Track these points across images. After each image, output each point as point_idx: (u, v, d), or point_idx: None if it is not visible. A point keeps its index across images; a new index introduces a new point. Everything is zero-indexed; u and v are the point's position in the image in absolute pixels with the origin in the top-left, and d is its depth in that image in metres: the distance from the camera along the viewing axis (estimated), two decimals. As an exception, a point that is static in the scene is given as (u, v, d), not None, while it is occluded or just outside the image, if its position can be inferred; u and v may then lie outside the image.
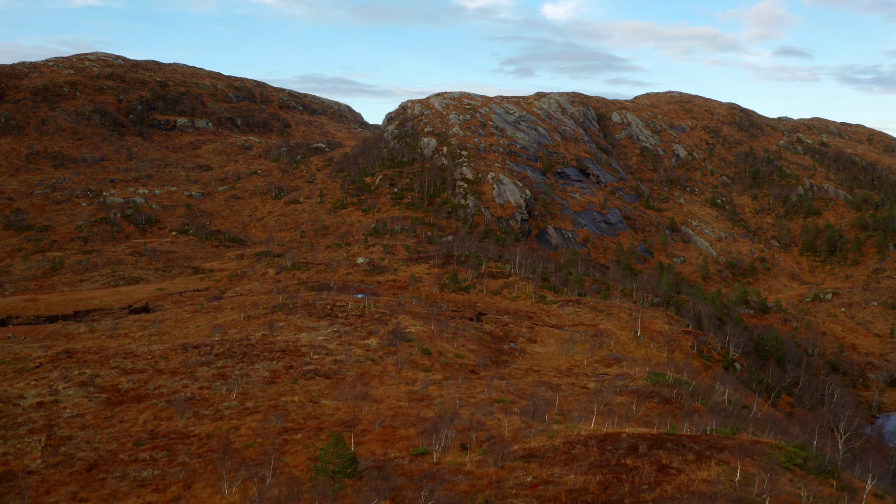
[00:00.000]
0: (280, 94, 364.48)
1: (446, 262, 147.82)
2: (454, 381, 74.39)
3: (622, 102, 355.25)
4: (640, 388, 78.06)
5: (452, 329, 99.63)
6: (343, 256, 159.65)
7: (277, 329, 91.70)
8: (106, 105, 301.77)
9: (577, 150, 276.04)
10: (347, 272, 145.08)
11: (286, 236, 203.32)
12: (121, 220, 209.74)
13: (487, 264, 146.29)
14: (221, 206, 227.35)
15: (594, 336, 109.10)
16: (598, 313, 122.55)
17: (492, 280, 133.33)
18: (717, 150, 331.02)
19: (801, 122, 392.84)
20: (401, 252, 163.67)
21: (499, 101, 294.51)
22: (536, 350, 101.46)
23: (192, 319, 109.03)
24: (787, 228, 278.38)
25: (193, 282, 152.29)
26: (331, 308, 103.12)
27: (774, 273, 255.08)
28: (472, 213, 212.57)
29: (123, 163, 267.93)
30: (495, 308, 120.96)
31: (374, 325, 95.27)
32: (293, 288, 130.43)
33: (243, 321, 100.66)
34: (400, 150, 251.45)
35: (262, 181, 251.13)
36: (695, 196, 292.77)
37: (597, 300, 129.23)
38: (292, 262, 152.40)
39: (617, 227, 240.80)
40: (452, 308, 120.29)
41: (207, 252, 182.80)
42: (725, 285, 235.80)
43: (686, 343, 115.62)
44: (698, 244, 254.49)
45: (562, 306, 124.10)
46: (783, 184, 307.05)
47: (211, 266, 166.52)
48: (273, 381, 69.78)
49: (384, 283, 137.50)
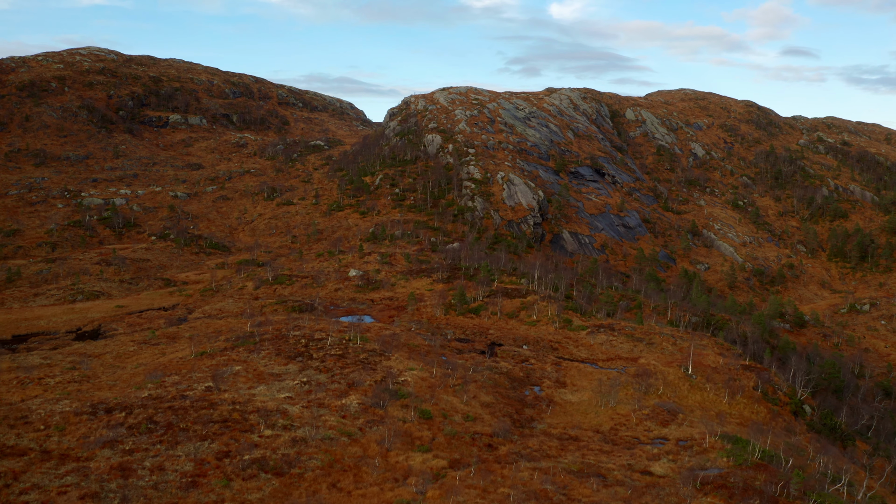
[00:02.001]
0: (279, 91, 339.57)
1: (452, 275, 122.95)
2: (465, 473, 49.80)
3: (635, 99, 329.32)
4: (727, 476, 53.46)
5: (461, 372, 75.03)
6: (334, 267, 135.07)
7: (229, 378, 67.15)
8: (95, 101, 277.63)
9: (591, 149, 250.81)
10: (337, 287, 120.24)
11: (275, 241, 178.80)
12: (96, 223, 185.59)
13: (500, 279, 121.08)
14: (208, 208, 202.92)
15: (637, 376, 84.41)
16: (636, 342, 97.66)
17: (506, 300, 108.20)
18: (735, 150, 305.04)
19: (818, 121, 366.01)
20: (400, 262, 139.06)
21: (507, 96, 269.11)
22: (567, 398, 76.75)
23: (135, 355, 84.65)
24: (813, 232, 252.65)
25: (161, 297, 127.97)
26: (306, 344, 78.51)
27: (804, 281, 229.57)
28: (480, 217, 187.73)
29: (109, 161, 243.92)
30: (512, 336, 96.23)
31: (357, 370, 70.66)
32: (269, 309, 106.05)
33: (193, 360, 76.23)
34: (402, 147, 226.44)
35: (254, 181, 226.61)
36: (715, 197, 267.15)
37: (632, 325, 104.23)
38: (274, 275, 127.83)
39: (636, 230, 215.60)
40: (460, 336, 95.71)
41: (185, 260, 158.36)
42: (754, 294, 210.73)
43: (748, 382, 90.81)
44: (722, 249, 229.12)
45: (591, 333, 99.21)
46: (807, 185, 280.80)
47: (185, 277, 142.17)
48: (195, 482, 45.19)
49: (379, 301, 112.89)
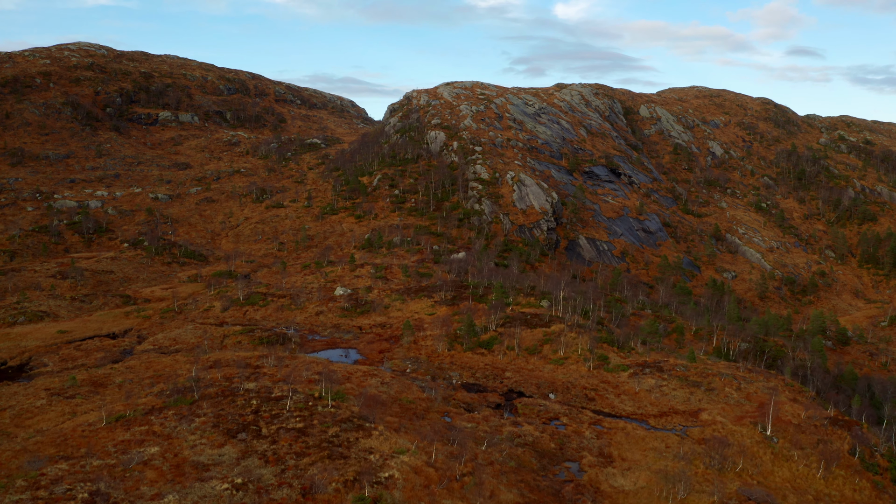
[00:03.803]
0: (276, 88, 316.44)
1: (457, 295, 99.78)
2: None
3: (648, 96, 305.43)
4: None
5: (470, 452, 52.12)
6: (319, 283, 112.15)
7: (133, 474, 44.41)
8: (80, 97, 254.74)
9: (605, 147, 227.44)
10: (319, 310, 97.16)
11: (260, 249, 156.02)
12: (64, 228, 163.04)
13: (516, 299, 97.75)
14: (190, 212, 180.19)
15: (705, 443, 61.50)
16: (692, 388, 74.50)
17: (526, 329, 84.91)
18: (754, 148, 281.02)
19: (836, 119, 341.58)
20: (397, 276, 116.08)
21: (515, 91, 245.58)
22: (618, 484, 53.83)
23: (40, 414, 62.03)
24: (842, 237, 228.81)
25: (114, 319, 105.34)
26: (257, 408, 55.70)
27: (836, 290, 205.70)
28: (487, 221, 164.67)
29: (91, 160, 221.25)
30: (535, 380, 73.21)
31: (321, 456, 47.87)
32: (232, 340, 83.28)
33: (103, 431, 53.59)
34: (403, 145, 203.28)
35: (243, 181, 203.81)
36: (736, 199, 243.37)
37: (683, 362, 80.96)
38: (247, 293, 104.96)
39: (657, 235, 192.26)
40: (468, 380, 72.82)
41: (155, 271, 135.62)
42: (786, 305, 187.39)
43: (841, 444, 67.87)
44: (748, 256, 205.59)
45: (635, 375, 76.05)
46: (832, 186, 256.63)
47: (150, 293, 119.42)
48: None
49: (368, 329, 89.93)
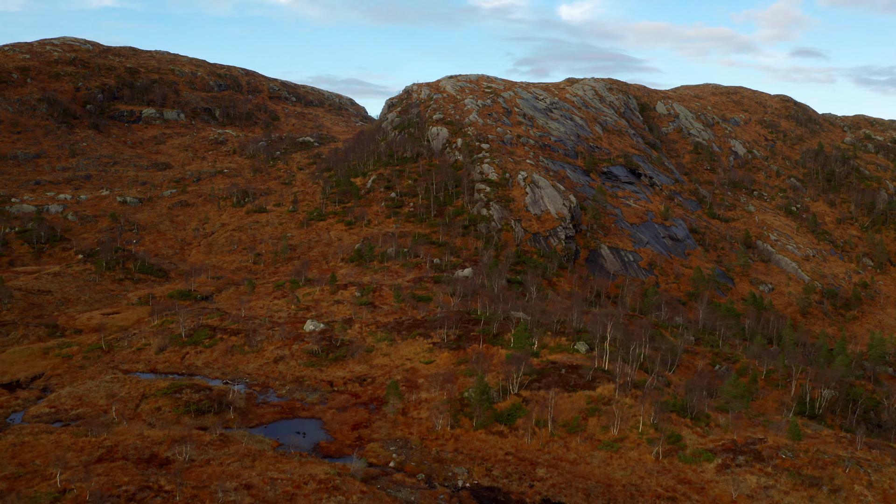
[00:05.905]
0: (270, 84, 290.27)
1: (464, 333, 73.50)
2: None
3: (664, 92, 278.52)
4: None
5: None
6: (289, 311, 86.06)
7: None
8: (59, 93, 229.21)
9: (623, 145, 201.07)
10: (279, 354, 70.90)
11: (233, 261, 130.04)
12: (13, 237, 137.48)
13: (542, 339, 71.16)
14: (161, 217, 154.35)
15: None
16: (811, 487, 48.38)
17: (561, 393, 58.12)
18: (778, 148, 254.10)
19: (859, 118, 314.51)
20: (388, 300, 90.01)
21: (524, 85, 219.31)
22: None
23: None
24: (880, 243, 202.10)
25: (27, 359, 79.46)
26: None
27: (880, 303, 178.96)
28: (497, 228, 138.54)
29: (63, 160, 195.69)
30: (581, 484, 46.92)
31: None
32: (149, 405, 57.40)
33: None
34: (401, 142, 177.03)
35: (225, 183, 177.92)
36: (764, 202, 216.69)
37: (786, 441, 54.61)
38: (193, 327, 78.82)
39: (685, 243, 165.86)
40: (480, 481, 46.68)
41: (102, 290, 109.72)
42: (829, 322, 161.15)
43: None
44: (783, 265, 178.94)
45: (726, 468, 49.75)
46: (863, 188, 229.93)
47: (87, 320, 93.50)
48: None
49: (342, 386, 63.80)
